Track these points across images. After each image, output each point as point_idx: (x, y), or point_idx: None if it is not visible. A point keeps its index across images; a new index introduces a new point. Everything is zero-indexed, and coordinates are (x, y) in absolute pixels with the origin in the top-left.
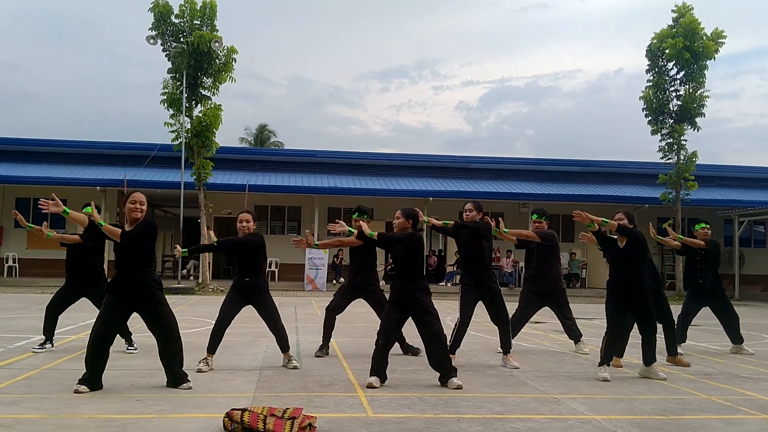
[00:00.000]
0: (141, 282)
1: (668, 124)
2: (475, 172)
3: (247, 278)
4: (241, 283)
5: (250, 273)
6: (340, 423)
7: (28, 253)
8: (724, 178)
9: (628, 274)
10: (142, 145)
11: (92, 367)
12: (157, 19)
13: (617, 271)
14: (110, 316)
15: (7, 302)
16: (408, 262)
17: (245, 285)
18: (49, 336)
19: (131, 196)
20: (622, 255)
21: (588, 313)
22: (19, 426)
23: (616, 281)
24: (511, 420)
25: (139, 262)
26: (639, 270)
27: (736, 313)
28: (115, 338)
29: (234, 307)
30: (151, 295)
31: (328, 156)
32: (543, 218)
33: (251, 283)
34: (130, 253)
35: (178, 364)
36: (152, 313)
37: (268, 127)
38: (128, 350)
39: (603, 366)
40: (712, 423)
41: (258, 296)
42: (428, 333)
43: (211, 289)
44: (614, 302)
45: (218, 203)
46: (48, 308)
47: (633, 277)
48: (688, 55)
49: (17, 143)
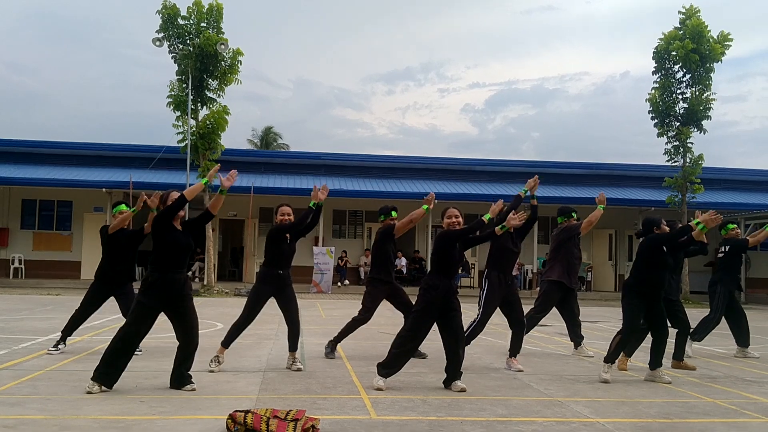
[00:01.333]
0: (177, 280)
1: (674, 127)
2: (481, 174)
3: (281, 270)
4: (273, 274)
5: (286, 265)
6: (343, 425)
7: (34, 254)
8: (731, 181)
9: (662, 277)
10: (148, 147)
11: (116, 365)
12: (164, 21)
13: (651, 273)
14: (144, 313)
15: (13, 303)
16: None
17: (277, 277)
18: (65, 336)
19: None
20: (663, 259)
21: (593, 316)
22: (23, 427)
23: (646, 283)
24: (514, 423)
25: (185, 261)
26: (668, 275)
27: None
28: (143, 338)
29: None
30: (186, 294)
31: (333, 158)
32: (572, 216)
33: (284, 275)
34: (183, 253)
35: (187, 365)
36: (183, 311)
37: (273, 130)
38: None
39: (607, 365)
40: (716, 426)
41: (285, 288)
42: (455, 332)
43: (216, 291)
44: (637, 304)
45: (223, 205)
46: (79, 309)
47: (662, 281)
48: (696, 58)
49: (24, 144)
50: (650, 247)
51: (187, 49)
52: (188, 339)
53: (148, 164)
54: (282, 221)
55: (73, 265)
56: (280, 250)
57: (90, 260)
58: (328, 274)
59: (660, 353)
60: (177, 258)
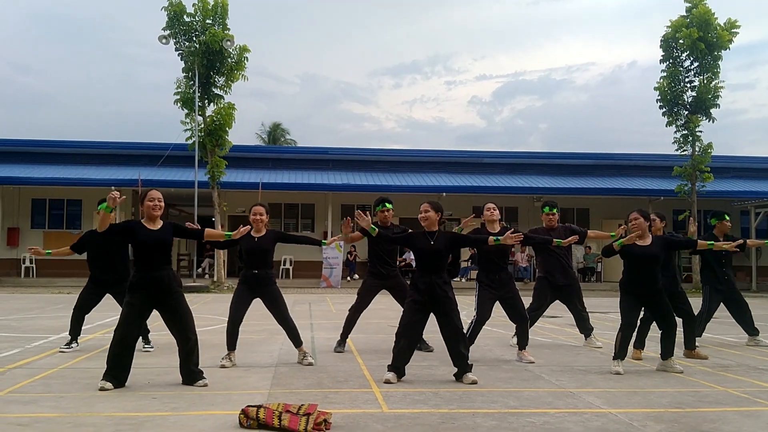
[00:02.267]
0: (161, 278)
1: (683, 116)
2: (489, 166)
3: (256, 270)
4: (247, 274)
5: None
6: (355, 419)
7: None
8: (740, 169)
9: (644, 274)
10: (156, 145)
11: (122, 365)
12: (170, 19)
13: (632, 272)
14: (133, 314)
15: (25, 302)
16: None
17: (253, 277)
18: (74, 336)
19: (148, 194)
20: (640, 255)
21: (603, 306)
22: (36, 425)
23: (630, 282)
24: (526, 414)
25: (163, 259)
26: (655, 270)
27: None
28: (139, 335)
29: (246, 301)
30: (172, 291)
31: (340, 153)
32: (555, 210)
33: (259, 274)
34: (156, 252)
35: (194, 361)
36: (172, 309)
37: (281, 126)
38: (145, 348)
39: (617, 360)
40: (729, 415)
41: (264, 288)
42: (451, 329)
43: (226, 287)
44: (628, 300)
45: (232, 202)
46: (75, 309)
47: (649, 277)
48: (703, 46)
49: (31, 144)
50: None
51: (193, 46)
52: (183, 336)
53: (157, 162)
54: (253, 220)
55: (84, 264)
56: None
57: None
58: (338, 268)
59: (670, 343)
60: (152, 256)
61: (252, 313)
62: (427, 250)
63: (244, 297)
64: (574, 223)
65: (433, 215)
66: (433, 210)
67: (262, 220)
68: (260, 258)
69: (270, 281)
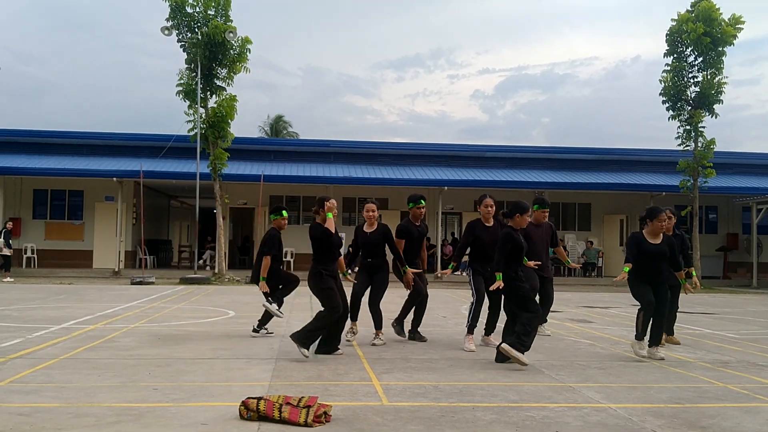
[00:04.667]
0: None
1: (686, 111)
2: (491, 160)
3: (370, 259)
4: (365, 263)
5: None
6: (355, 411)
7: (46, 243)
8: (743, 165)
9: (652, 266)
10: (158, 136)
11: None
12: (172, 10)
13: (643, 264)
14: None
15: (26, 293)
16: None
17: (368, 265)
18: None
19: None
20: (652, 251)
21: (604, 301)
22: (38, 415)
23: (640, 272)
24: (526, 408)
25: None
26: (662, 264)
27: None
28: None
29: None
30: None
31: (342, 146)
32: (546, 207)
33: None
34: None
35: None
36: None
37: (284, 118)
38: (267, 333)
39: (639, 342)
40: (728, 411)
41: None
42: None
43: (227, 279)
44: (640, 285)
45: (234, 193)
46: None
47: (656, 269)
48: (708, 40)
49: (34, 135)
50: (631, 238)
51: (196, 38)
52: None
53: (159, 153)
54: (366, 216)
55: (85, 254)
56: None
57: (101, 249)
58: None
59: (658, 331)
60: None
61: (252, 308)
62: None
63: (363, 278)
64: (576, 218)
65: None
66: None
67: (374, 216)
68: (372, 249)
69: (380, 269)
